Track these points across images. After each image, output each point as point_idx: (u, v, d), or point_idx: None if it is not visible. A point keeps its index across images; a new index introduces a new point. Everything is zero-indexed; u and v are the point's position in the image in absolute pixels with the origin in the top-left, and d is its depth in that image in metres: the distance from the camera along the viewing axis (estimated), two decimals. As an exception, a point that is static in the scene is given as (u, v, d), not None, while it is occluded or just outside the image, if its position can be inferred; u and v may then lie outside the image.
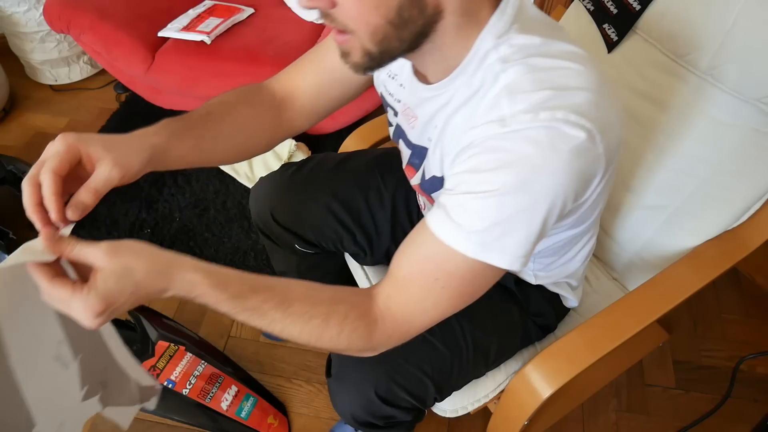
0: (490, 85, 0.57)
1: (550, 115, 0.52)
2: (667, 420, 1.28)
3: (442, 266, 0.58)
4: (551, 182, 0.53)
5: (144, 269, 0.52)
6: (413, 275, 0.60)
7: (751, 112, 0.83)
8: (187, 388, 1.19)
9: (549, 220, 0.56)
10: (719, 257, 0.90)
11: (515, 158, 0.53)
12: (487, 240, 0.55)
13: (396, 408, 0.81)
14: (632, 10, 0.94)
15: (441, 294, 0.59)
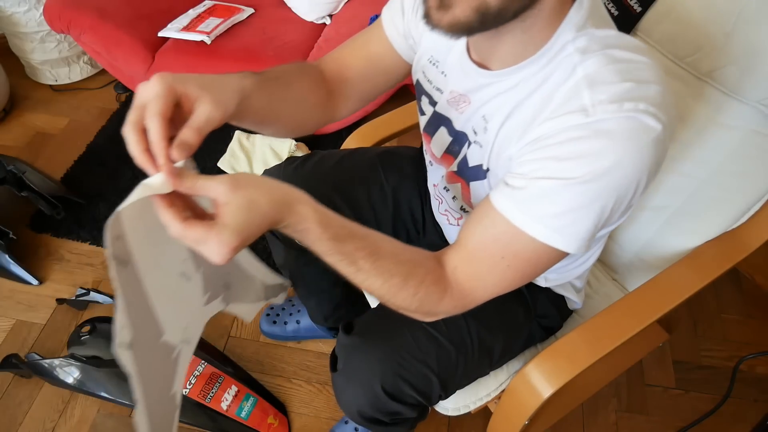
0: (566, 75, 0.58)
1: (634, 106, 0.54)
2: (667, 420, 1.28)
3: (510, 246, 0.60)
4: (630, 172, 0.55)
5: (267, 200, 0.53)
6: (481, 252, 0.63)
7: (751, 114, 0.84)
8: (187, 388, 1.19)
9: (619, 208, 0.58)
10: (719, 258, 0.90)
11: (598, 148, 0.54)
12: (558, 226, 0.58)
13: (401, 404, 0.81)
14: (633, 11, 0.94)
15: (505, 272, 0.62)
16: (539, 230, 0.58)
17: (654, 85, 0.56)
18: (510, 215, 0.59)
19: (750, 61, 0.81)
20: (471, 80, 0.68)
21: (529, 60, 0.61)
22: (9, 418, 1.25)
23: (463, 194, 0.78)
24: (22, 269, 1.47)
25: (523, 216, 0.58)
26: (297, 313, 1.38)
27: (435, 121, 0.78)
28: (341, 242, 0.58)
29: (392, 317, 0.85)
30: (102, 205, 1.67)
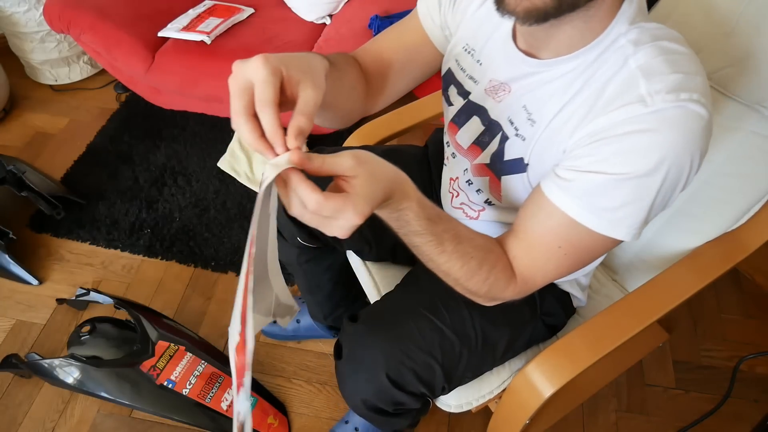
0: (618, 67, 0.59)
1: (688, 96, 0.56)
2: (667, 420, 1.28)
3: (567, 237, 0.63)
4: (686, 160, 0.57)
5: (386, 174, 0.55)
6: (538, 243, 0.66)
7: (751, 116, 0.84)
8: (187, 388, 1.19)
9: (673, 195, 0.60)
10: (719, 258, 0.90)
11: (658, 140, 0.56)
12: (616, 218, 0.60)
13: (405, 393, 0.81)
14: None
15: (563, 260, 0.65)
16: (597, 223, 0.60)
17: (699, 76, 0.58)
18: (566, 208, 0.61)
19: (750, 63, 0.82)
20: (515, 68, 0.69)
21: (583, 50, 0.62)
22: (9, 418, 1.25)
23: (491, 187, 0.78)
24: (22, 269, 1.47)
25: (580, 209, 0.60)
26: (296, 313, 1.38)
27: (467, 111, 0.78)
28: (434, 223, 0.60)
29: (396, 308, 0.85)
30: (102, 205, 1.67)
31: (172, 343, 1.23)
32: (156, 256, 1.56)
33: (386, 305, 0.88)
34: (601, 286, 1.07)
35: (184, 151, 1.84)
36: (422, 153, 1.06)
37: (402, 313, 0.84)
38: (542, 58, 0.65)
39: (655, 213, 0.61)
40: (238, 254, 1.56)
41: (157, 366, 1.19)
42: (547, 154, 0.66)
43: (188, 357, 1.23)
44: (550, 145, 0.66)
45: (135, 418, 1.26)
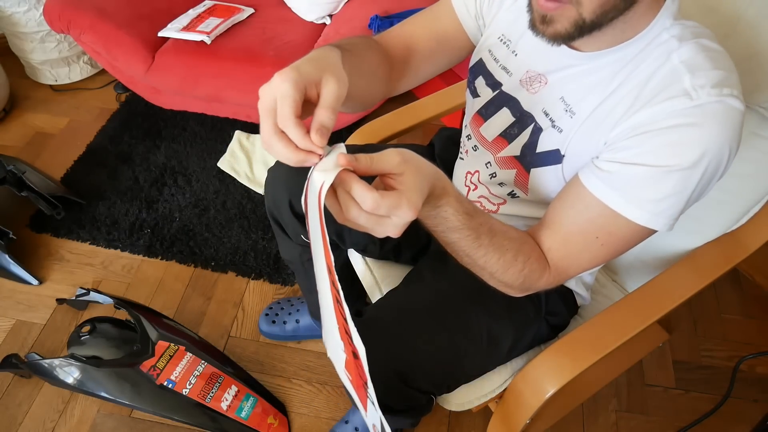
0: (661, 61, 0.61)
1: (730, 92, 0.58)
2: (667, 420, 1.28)
3: (605, 228, 0.64)
4: (726, 153, 0.58)
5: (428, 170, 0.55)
6: (575, 234, 0.66)
7: (750, 116, 0.84)
8: (187, 388, 1.19)
9: (710, 186, 0.62)
10: (719, 259, 0.90)
11: (703, 134, 0.57)
12: (658, 210, 0.61)
13: (413, 390, 0.81)
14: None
15: (599, 250, 0.66)
16: (639, 214, 0.61)
17: (734, 73, 0.60)
18: (608, 199, 0.62)
19: (750, 64, 0.82)
20: (554, 60, 0.69)
21: (626, 44, 0.63)
22: (9, 418, 1.25)
23: (517, 180, 0.78)
24: (22, 269, 1.47)
25: (623, 200, 0.61)
26: (296, 313, 1.38)
27: (497, 102, 0.78)
28: (471, 217, 0.60)
29: (402, 305, 0.85)
30: (102, 205, 1.67)
31: (172, 343, 1.23)
32: (156, 256, 1.56)
33: (391, 302, 0.88)
34: (601, 286, 1.07)
35: (184, 151, 1.84)
36: (428, 151, 1.06)
37: (407, 310, 0.84)
38: (584, 51, 0.66)
39: (691, 204, 0.62)
40: (237, 254, 1.56)
41: (157, 366, 1.19)
42: (586, 146, 0.67)
43: (188, 357, 1.23)
44: (590, 137, 0.66)
45: (135, 418, 1.26)
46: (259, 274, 1.52)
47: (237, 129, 1.86)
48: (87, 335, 1.21)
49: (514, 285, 0.68)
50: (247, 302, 1.47)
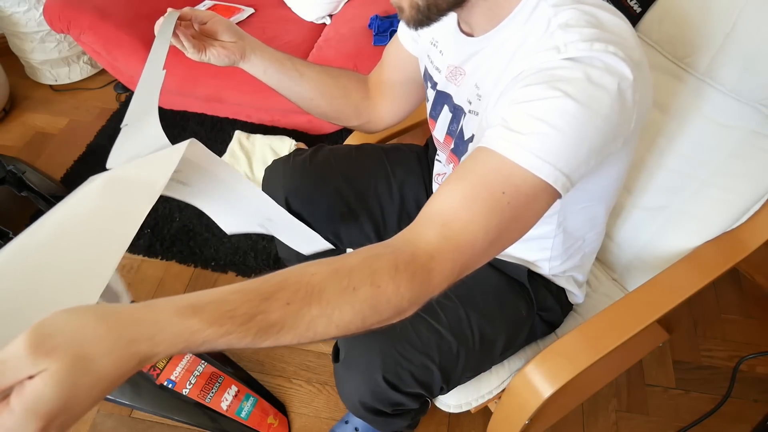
0: (543, 29, 0.60)
1: (604, 47, 0.56)
2: (667, 420, 1.28)
3: (510, 179, 0.54)
4: (603, 107, 0.55)
5: (104, 349, 0.36)
6: (479, 191, 0.55)
7: (750, 114, 0.84)
8: (187, 388, 1.19)
9: (594, 144, 0.56)
10: (718, 258, 0.90)
11: (572, 79, 0.55)
12: (533, 147, 0.54)
13: (403, 394, 0.81)
14: (633, 12, 0.95)
15: (506, 211, 0.55)
16: (524, 157, 0.54)
17: (625, 40, 0.58)
18: (501, 148, 0.55)
19: (749, 61, 0.82)
20: (463, 51, 0.71)
21: (505, 21, 0.63)
22: (9, 418, 1.25)
23: None
24: (22, 269, 1.47)
25: (513, 146, 0.54)
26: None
27: (438, 101, 0.81)
28: (264, 314, 0.44)
29: None
30: (102, 205, 1.67)
31: (172, 343, 1.23)
32: (156, 256, 1.56)
33: None
34: (600, 285, 1.07)
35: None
36: (423, 152, 1.06)
37: None
38: (476, 36, 0.68)
39: (580, 159, 0.56)
40: (238, 254, 1.56)
41: (157, 366, 1.19)
42: (489, 122, 0.64)
43: (188, 357, 1.23)
44: (493, 114, 0.64)
45: (135, 418, 1.26)
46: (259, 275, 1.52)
47: (237, 129, 1.86)
48: (87, 335, 1.21)
49: (403, 307, 0.51)
50: (247, 302, 1.47)
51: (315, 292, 0.47)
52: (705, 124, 0.88)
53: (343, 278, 0.48)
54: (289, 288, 0.47)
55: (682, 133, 0.91)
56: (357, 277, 0.49)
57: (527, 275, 0.87)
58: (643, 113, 0.62)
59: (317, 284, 0.47)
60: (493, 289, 0.86)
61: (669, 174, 0.94)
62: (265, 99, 1.73)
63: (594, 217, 0.82)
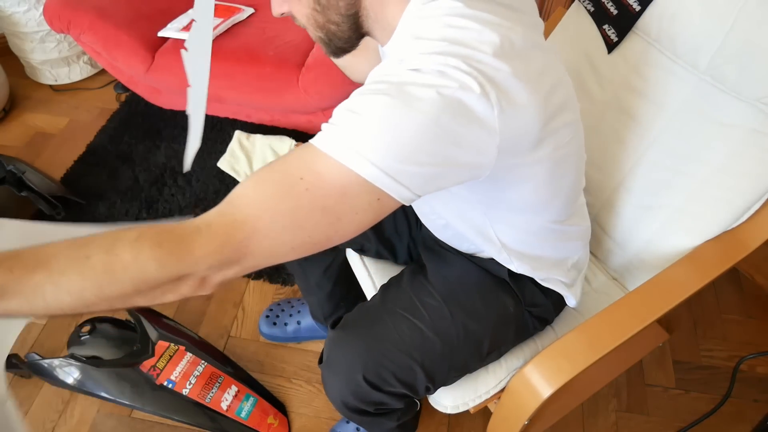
0: (409, 41, 0.59)
1: (443, 60, 0.53)
2: (667, 420, 1.28)
3: (311, 165, 0.51)
4: (428, 109, 0.51)
5: None
6: (274, 174, 0.53)
7: (750, 113, 0.84)
8: (187, 388, 1.19)
9: (428, 149, 0.52)
10: (719, 257, 0.90)
11: (398, 81, 0.53)
12: (344, 136, 0.51)
13: (385, 393, 0.82)
14: (632, 11, 0.94)
15: (302, 197, 0.51)
16: (336, 146, 0.51)
17: (482, 54, 0.54)
18: (314, 139, 0.53)
19: (749, 59, 0.81)
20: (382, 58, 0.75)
21: (394, 35, 0.64)
22: (9, 418, 1.25)
23: None
24: (22, 269, 1.47)
25: (325, 136, 0.52)
26: (297, 314, 1.38)
27: None
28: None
29: (377, 310, 0.86)
30: (102, 205, 1.67)
31: (172, 343, 1.23)
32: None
33: (368, 307, 0.89)
34: (600, 284, 1.07)
35: (184, 151, 1.83)
36: None
37: (381, 314, 0.85)
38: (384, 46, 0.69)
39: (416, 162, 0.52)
40: (238, 254, 1.56)
41: (157, 366, 1.19)
42: None
43: (188, 357, 1.23)
44: None
45: (135, 418, 1.26)
46: (259, 274, 1.52)
47: (237, 129, 1.86)
48: (87, 335, 1.21)
49: (148, 279, 0.49)
50: (247, 302, 1.47)
51: (43, 259, 0.47)
52: (705, 123, 0.88)
53: (80, 248, 0.49)
54: (21, 257, 0.47)
55: (681, 131, 0.91)
56: (94, 246, 0.48)
57: (508, 273, 0.86)
58: (519, 135, 0.57)
59: (49, 253, 0.48)
60: (477, 287, 0.86)
61: (669, 173, 0.94)
62: (265, 99, 1.73)
63: (541, 230, 0.79)
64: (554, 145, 0.64)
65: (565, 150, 0.67)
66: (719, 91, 0.86)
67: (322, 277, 1.13)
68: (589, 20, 1.02)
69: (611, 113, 1.01)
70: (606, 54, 1.00)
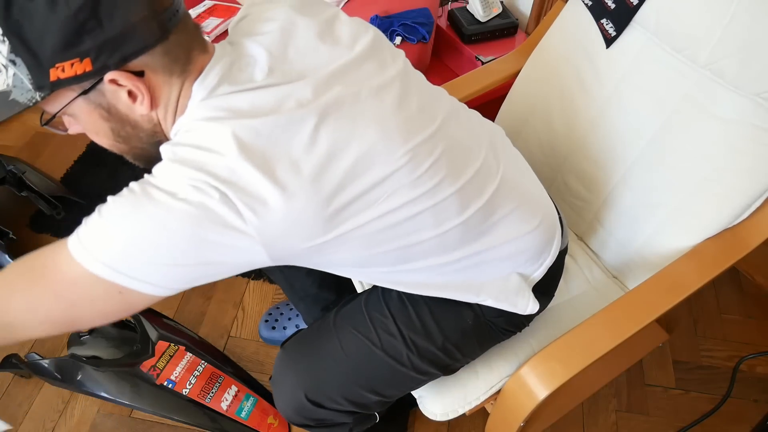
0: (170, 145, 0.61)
1: (187, 171, 0.54)
2: (667, 420, 1.28)
3: (56, 257, 0.57)
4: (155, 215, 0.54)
5: None
6: (35, 257, 0.60)
7: (750, 108, 0.83)
8: (187, 388, 1.19)
9: (155, 254, 0.55)
10: (719, 256, 0.90)
11: (143, 186, 0.56)
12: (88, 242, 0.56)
13: (330, 411, 0.83)
14: (630, 4, 0.94)
15: (39, 282, 0.59)
16: (74, 245, 0.56)
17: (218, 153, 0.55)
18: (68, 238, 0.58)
19: (748, 53, 0.81)
20: None
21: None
22: (9, 418, 1.25)
23: None
24: (22, 269, 1.47)
25: (71, 237, 0.57)
26: (296, 317, 1.38)
27: None
28: None
29: (328, 327, 0.86)
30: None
31: (172, 343, 1.23)
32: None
33: (320, 324, 0.88)
34: (599, 283, 1.06)
35: (184, 151, 1.84)
36: None
37: (330, 331, 0.85)
38: None
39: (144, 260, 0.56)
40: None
41: (157, 366, 1.19)
42: None
43: (188, 357, 1.23)
44: None
45: (135, 418, 1.26)
46: (259, 275, 1.52)
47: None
48: (87, 335, 1.21)
49: None
50: (247, 302, 1.47)
51: None
52: (705, 119, 0.88)
53: None
54: None
55: (681, 127, 0.91)
56: None
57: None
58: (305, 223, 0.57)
59: None
60: (428, 304, 0.83)
61: (668, 170, 0.93)
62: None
63: (412, 280, 0.75)
64: (369, 218, 0.60)
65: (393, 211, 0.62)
66: (718, 85, 0.86)
67: (305, 281, 1.12)
68: (587, 14, 1.02)
69: (610, 109, 1.00)
70: (604, 48, 1.00)
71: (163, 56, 0.57)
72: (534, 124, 1.14)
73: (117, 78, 0.55)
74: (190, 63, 0.59)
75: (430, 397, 0.92)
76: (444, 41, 1.78)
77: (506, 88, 1.22)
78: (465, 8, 1.73)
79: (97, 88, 0.56)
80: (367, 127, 0.60)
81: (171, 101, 0.60)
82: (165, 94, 0.59)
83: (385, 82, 0.65)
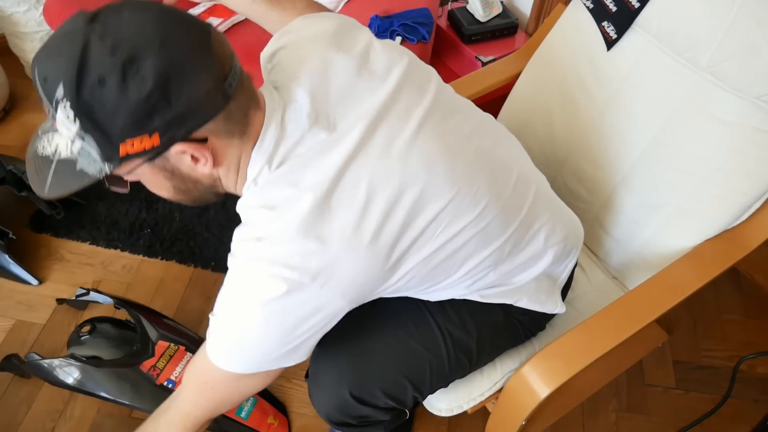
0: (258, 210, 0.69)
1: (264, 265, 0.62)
2: (667, 420, 1.28)
3: (211, 374, 0.71)
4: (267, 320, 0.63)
5: None
6: (187, 381, 0.78)
7: (751, 110, 0.83)
8: (187, 388, 1.19)
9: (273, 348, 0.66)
10: (719, 256, 0.90)
11: (232, 285, 0.65)
12: (217, 349, 0.69)
13: (372, 407, 0.82)
14: (631, 7, 0.94)
15: (211, 393, 0.74)
16: (212, 355, 0.69)
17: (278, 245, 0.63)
18: (207, 349, 0.71)
19: (750, 57, 0.81)
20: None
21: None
22: (9, 418, 1.25)
23: None
24: (22, 269, 1.47)
25: (209, 350, 0.70)
26: None
27: None
28: None
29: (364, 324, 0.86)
30: (102, 205, 1.67)
31: (172, 343, 1.23)
32: (156, 256, 1.56)
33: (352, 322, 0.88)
34: (600, 283, 1.07)
35: (184, 151, 1.84)
36: None
37: (367, 328, 0.85)
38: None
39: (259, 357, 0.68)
40: (238, 254, 1.56)
41: (157, 366, 1.19)
42: None
43: (188, 357, 1.23)
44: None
45: (135, 418, 1.26)
46: (259, 274, 1.52)
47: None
48: (87, 335, 1.21)
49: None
50: (246, 302, 1.47)
51: None
52: (705, 121, 0.88)
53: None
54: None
55: (682, 129, 0.91)
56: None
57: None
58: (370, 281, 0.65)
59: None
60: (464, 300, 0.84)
61: (669, 171, 0.94)
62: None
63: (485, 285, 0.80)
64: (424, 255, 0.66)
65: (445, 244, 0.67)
66: (719, 88, 0.86)
67: None
68: (588, 17, 1.02)
69: (611, 111, 1.01)
70: (605, 51, 1.00)
71: (225, 121, 0.60)
72: (534, 125, 1.14)
73: (183, 148, 0.58)
74: (248, 125, 0.63)
75: (435, 394, 0.92)
76: (444, 41, 1.78)
77: (507, 88, 1.22)
78: (465, 8, 1.73)
79: (162, 155, 0.58)
80: (418, 170, 0.64)
81: (233, 162, 0.65)
82: (227, 156, 0.64)
83: (424, 112, 0.68)
